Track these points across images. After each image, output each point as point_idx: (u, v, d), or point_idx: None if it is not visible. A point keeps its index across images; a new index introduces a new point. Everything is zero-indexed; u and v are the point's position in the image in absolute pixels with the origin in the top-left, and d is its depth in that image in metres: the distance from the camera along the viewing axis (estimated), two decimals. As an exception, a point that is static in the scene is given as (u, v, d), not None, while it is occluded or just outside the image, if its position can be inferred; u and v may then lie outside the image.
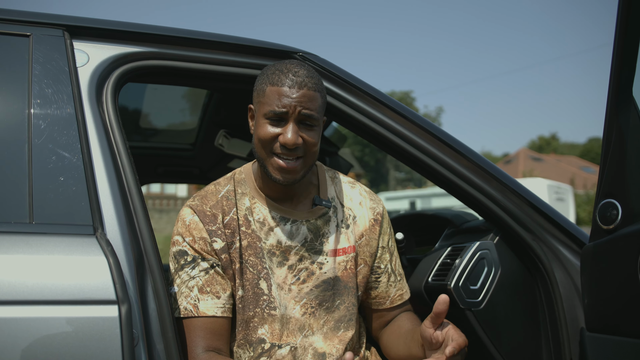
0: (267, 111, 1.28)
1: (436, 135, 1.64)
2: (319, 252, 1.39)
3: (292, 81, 1.27)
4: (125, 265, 1.15)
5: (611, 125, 1.28)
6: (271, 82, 1.29)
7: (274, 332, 1.34)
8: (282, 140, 1.27)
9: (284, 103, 1.26)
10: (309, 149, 1.30)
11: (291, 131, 1.26)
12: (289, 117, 1.27)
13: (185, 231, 1.33)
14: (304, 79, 1.29)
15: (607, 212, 1.31)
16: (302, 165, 1.31)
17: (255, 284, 1.34)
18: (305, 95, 1.27)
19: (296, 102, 1.26)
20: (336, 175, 1.51)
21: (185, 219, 1.35)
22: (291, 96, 1.26)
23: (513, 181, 1.69)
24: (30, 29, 1.33)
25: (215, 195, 1.39)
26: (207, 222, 1.34)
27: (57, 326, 1.02)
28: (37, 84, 1.26)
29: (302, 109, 1.27)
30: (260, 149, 1.31)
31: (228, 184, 1.41)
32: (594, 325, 1.37)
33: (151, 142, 2.95)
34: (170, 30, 1.49)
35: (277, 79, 1.29)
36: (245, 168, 1.46)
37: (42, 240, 1.09)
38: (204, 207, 1.36)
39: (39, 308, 1.02)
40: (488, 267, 1.68)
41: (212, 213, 1.35)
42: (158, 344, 1.15)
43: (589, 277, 1.38)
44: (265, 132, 1.29)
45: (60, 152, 1.21)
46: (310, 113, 1.28)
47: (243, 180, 1.42)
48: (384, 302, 1.49)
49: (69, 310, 1.04)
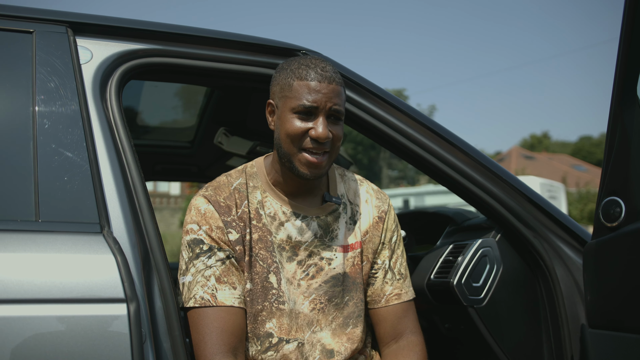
0: (295, 105, 1.28)
1: (437, 131, 1.65)
2: (329, 248, 1.39)
3: (321, 76, 1.28)
4: (132, 263, 1.14)
5: (615, 123, 1.29)
6: (298, 77, 1.29)
7: (282, 326, 1.34)
8: (314, 134, 1.27)
9: (314, 98, 1.27)
10: (335, 144, 1.31)
11: (322, 125, 1.27)
12: (319, 111, 1.28)
13: (201, 219, 1.31)
14: (332, 74, 1.30)
15: (611, 210, 1.32)
16: (328, 159, 1.31)
17: (264, 277, 1.34)
18: (334, 90, 1.29)
19: (326, 97, 1.27)
20: (345, 173, 1.51)
21: (200, 208, 1.33)
22: (321, 91, 1.27)
23: (514, 178, 1.70)
24: (33, 26, 1.32)
25: (227, 186, 1.38)
26: (222, 212, 1.33)
27: (65, 325, 1.01)
28: (41, 81, 1.25)
29: (332, 105, 1.28)
30: (288, 144, 1.30)
31: (240, 177, 1.41)
32: (596, 321, 1.38)
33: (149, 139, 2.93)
34: (174, 28, 1.48)
35: (305, 73, 1.29)
36: (257, 162, 1.45)
37: (49, 238, 1.09)
38: (217, 197, 1.35)
39: (46, 307, 1.02)
40: (490, 265, 1.69)
41: (226, 204, 1.34)
42: (165, 342, 1.15)
43: (592, 274, 1.39)
44: (295, 127, 1.28)
45: (65, 150, 1.20)
46: (339, 108, 1.29)
47: (255, 174, 1.41)
48: (379, 300, 1.44)
49: (77, 309, 1.03)
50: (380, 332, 1.45)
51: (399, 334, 1.44)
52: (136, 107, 2.74)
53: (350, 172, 1.53)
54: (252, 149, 2.49)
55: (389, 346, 1.45)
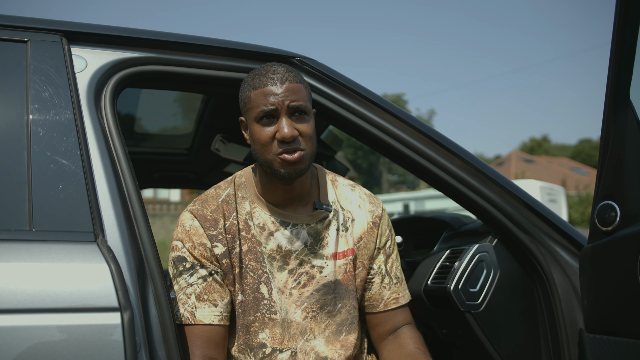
0: (256, 114, 1.29)
1: (434, 138, 1.65)
2: (320, 256, 1.39)
3: (272, 79, 1.29)
4: (126, 271, 1.14)
5: (609, 127, 1.29)
6: (253, 87, 1.30)
7: (274, 336, 1.34)
8: (279, 136, 1.27)
9: (271, 101, 1.27)
10: (306, 140, 1.30)
11: (285, 125, 1.27)
12: (280, 112, 1.28)
13: (184, 237, 1.33)
14: (284, 74, 1.30)
15: (606, 214, 1.32)
16: (305, 156, 1.30)
17: (255, 288, 1.34)
18: (289, 88, 1.29)
19: (282, 97, 1.27)
20: (336, 179, 1.51)
21: (185, 224, 1.34)
22: (276, 92, 1.28)
23: (510, 183, 1.70)
24: (27, 35, 1.32)
25: (215, 199, 1.38)
26: (207, 227, 1.33)
27: (60, 334, 1.01)
28: (35, 90, 1.25)
29: (290, 102, 1.28)
30: (262, 153, 1.30)
31: (228, 187, 1.41)
32: (593, 326, 1.38)
33: (146, 147, 2.94)
34: (168, 36, 1.49)
35: (258, 81, 1.30)
36: (246, 172, 1.45)
37: (42, 247, 1.08)
38: (204, 211, 1.35)
39: (40, 316, 1.01)
40: (487, 270, 1.69)
41: (213, 217, 1.35)
42: (160, 351, 1.15)
43: (588, 278, 1.39)
44: (262, 134, 1.29)
45: (59, 159, 1.20)
46: (298, 104, 1.29)
47: (243, 184, 1.42)
48: (378, 305, 1.46)
49: (70, 318, 1.03)
50: (380, 331, 1.48)
51: (396, 328, 1.48)
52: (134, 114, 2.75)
53: (341, 178, 1.52)
54: (250, 155, 2.50)
55: (387, 339, 1.48)
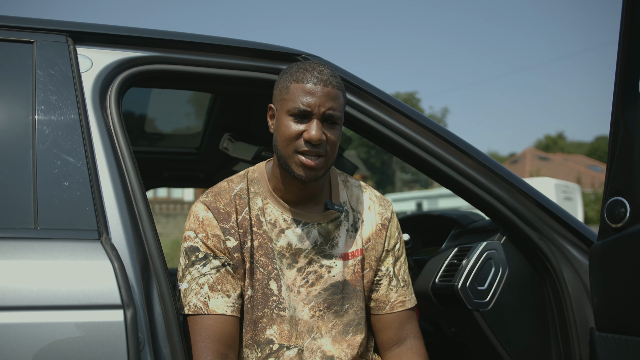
0: (290, 107, 1.28)
1: (442, 136, 1.63)
2: (329, 256, 1.38)
3: (317, 79, 1.28)
4: (130, 269, 1.15)
5: (617, 123, 1.26)
6: (295, 79, 1.29)
7: (282, 333, 1.33)
8: (307, 136, 1.26)
9: (308, 101, 1.26)
10: (331, 147, 1.30)
11: (316, 128, 1.26)
12: (313, 115, 1.27)
13: (198, 227, 1.32)
14: (329, 77, 1.29)
15: (615, 210, 1.29)
16: (324, 163, 1.30)
17: (265, 284, 1.33)
18: (330, 93, 1.28)
19: (321, 100, 1.27)
20: (348, 179, 1.50)
21: (199, 215, 1.33)
22: (316, 94, 1.27)
23: (520, 181, 1.68)
24: (33, 36, 1.34)
25: (228, 192, 1.37)
26: (220, 219, 1.33)
27: (63, 331, 1.02)
28: (41, 90, 1.27)
29: (326, 109, 1.27)
30: (284, 146, 1.29)
31: (241, 182, 1.40)
32: (603, 324, 1.36)
33: (157, 146, 2.96)
34: (173, 35, 1.49)
35: (301, 76, 1.29)
36: (259, 167, 1.44)
37: (47, 245, 1.09)
38: (217, 204, 1.35)
39: (44, 313, 1.02)
40: (495, 268, 1.67)
41: (226, 211, 1.34)
42: (164, 348, 1.15)
43: (598, 276, 1.36)
44: (290, 129, 1.28)
45: (64, 158, 1.21)
46: (333, 113, 1.28)
47: (256, 179, 1.41)
48: (384, 307, 1.44)
49: (74, 315, 1.04)
50: (384, 337, 1.45)
51: (401, 340, 1.44)
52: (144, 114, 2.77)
53: (353, 179, 1.51)
54: (257, 154, 2.50)
55: (392, 350, 1.44)
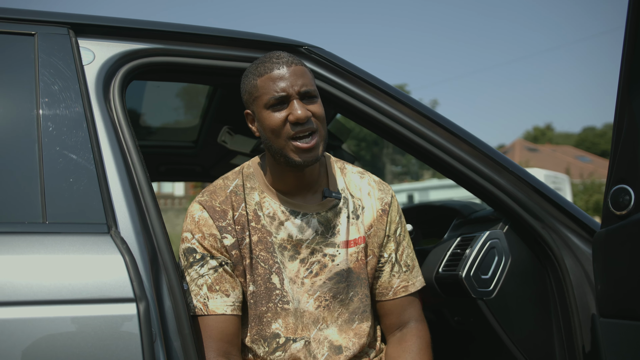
0: (266, 100, 1.28)
1: (443, 125, 1.64)
2: (331, 244, 1.38)
3: (278, 64, 1.28)
4: (140, 263, 1.14)
5: (623, 111, 1.27)
6: (259, 74, 1.30)
7: (288, 326, 1.33)
8: (293, 118, 1.26)
9: (281, 86, 1.27)
10: (319, 121, 1.30)
11: (298, 107, 1.26)
12: (290, 97, 1.27)
13: (194, 228, 1.32)
14: (288, 58, 1.30)
15: (620, 198, 1.30)
16: (318, 139, 1.30)
17: (267, 278, 1.33)
18: (296, 71, 1.29)
19: (291, 80, 1.27)
20: (345, 166, 1.50)
21: (195, 216, 1.34)
22: (284, 76, 1.27)
23: (520, 169, 1.69)
24: (34, 28, 1.32)
25: (224, 190, 1.37)
26: (216, 218, 1.33)
27: (77, 325, 1.01)
28: (44, 83, 1.25)
29: (299, 87, 1.27)
30: (275, 139, 1.29)
31: (236, 178, 1.40)
32: (607, 310, 1.37)
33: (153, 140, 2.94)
34: (176, 27, 1.48)
35: (262, 69, 1.29)
36: (254, 162, 1.44)
37: (56, 239, 1.08)
38: (213, 202, 1.35)
39: (57, 308, 1.02)
40: (498, 257, 1.68)
41: (222, 209, 1.34)
42: (175, 342, 1.15)
43: (602, 263, 1.38)
44: (273, 120, 1.28)
45: (70, 151, 1.20)
46: (307, 89, 1.29)
47: (252, 175, 1.41)
48: (387, 293, 1.44)
49: (86, 309, 1.03)
50: (387, 322, 1.47)
51: (404, 323, 1.46)
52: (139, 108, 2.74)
53: (350, 165, 1.51)
54: (256, 146, 2.49)
55: (394, 334, 1.46)
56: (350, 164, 1.52)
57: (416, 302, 1.48)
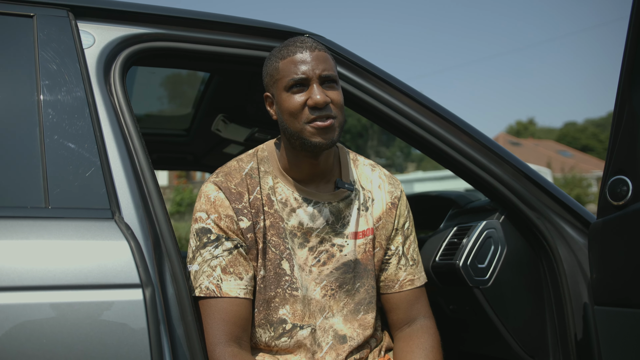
0: (286, 82, 1.27)
1: (441, 114, 1.65)
2: (340, 234, 1.38)
3: (301, 47, 1.28)
4: (144, 248, 1.13)
5: (623, 101, 1.29)
6: (282, 57, 1.29)
7: (295, 312, 1.33)
8: (311, 102, 1.25)
9: (302, 69, 1.27)
10: (337, 108, 1.29)
11: (317, 91, 1.26)
12: (311, 80, 1.27)
13: (210, 208, 1.30)
14: (312, 43, 1.30)
15: (618, 189, 1.33)
16: (337, 124, 1.29)
17: (277, 264, 1.33)
18: (319, 56, 1.28)
19: (313, 65, 1.27)
20: (357, 158, 1.50)
21: (210, 196, 1.31)
22: (306, 60, 1.27)
23: (517, 160, 1.71)
24: (33, 9, 1.29)
25: (239, 172, 1.36)
26: (233, 199, 1.31)
27: (82, 311, 1.00)
28: (44, 66, 1.23)
29: (321, 71, 1.27)
30: (293, 122, 1.28)
31: (251, 161, 1.39)
32: (602, 299, 1.40)
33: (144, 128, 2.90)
34: (178, 12, 1.46)
35: (286, 52, 1.29)
36: (268, 146, 1.43)
37: (60, 224, 1.07)
38: (229, 184, 1.33)
39: (63, 293, 1.00)
40: (495, 246, 1.71)
41: (238, 191, 1.33)
42: (178, 328, 1.14)
43: (598, 252, 1.41)
44: (293, 102, 1.27)
45: (72, 136, 1.18)
46: (328, 73, 1.28)
47: (266, 158, 1.40)
48: (393, 286, 1.44)
49: (92, 295, 1.02)
50: (394, 317, 1.46)
51: (412, 319, 1.45)
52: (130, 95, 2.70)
53: (362, 157, 1.51)
54: (250, 135, 2.48)
55: (402, 330, 1.45)
56: (361, 156, 1.53)
57: (423, 299, 1.47)
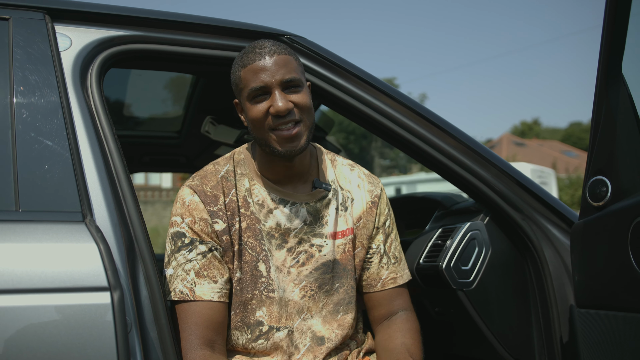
0: (248, 92, 1.27)
1: (426, 117, 1.64)
2: (319, 235, 1.38)
3: (259, 54, 1.27)
4: (115, 251, 1.13)
5: (601, 102, 1.28)
6: (242, 65, 1.28)
7: (272, 314, 1.33)
8: (273, 110, 1.25)
9: (261, 78, 1.25)
10: (303, 111, 1.28)
11: (279, 98, 1.25)
12: (272, 87, 1.26)
13: (185, 211, 1.30)
14: (271, 47, 1.28)
15: (597, 189, 1.32)
16: (303, 129, 1.28)
17: (254, 266, 1.33)
18: (277, 61, 1.26)
19: (271, 71, 1.25)
20: (335, 158, 1.50)
21: (185, 199, 1.32)
22: (265, 68, 1.25)
23: (502, 161, 1.70)
24: (9, 12, 1.29)
25: (215, 175, 1.36)
26: (208, 202, 1.31)
27: (48, 314, 1.00)
28: (18, 69, 1.22)
29: (281, 77, 1.26)
30: (257, 130, 1.29)
31: (227, 164, 1.39)
32: (584, 301, 1.39)
33: (136, 130, 2.91)
34: (155, 13, 1.46)
35: (245, 60, 1.28)
36: (244, 149, 1.43)
37: (29, 228, 1.07)
38: (204, 187, 1.33)
39: (29, 296, 1.00)
40: (479, 248, 1.69)
41: (213, 194, 1.33)
42: (151, 331, 1.14)
43: (580, 254, 1.39)
44: (256, 112, 1.27)
45: (45, 139, 1.18)
46: (290, 77, 1.26)
47: (242, 161, 1.40)
48: (375, 285, 1.44)
49: (60, 298, 1.02)
50: (375, 314, 1.46)
51: (392, 313, 1.46)
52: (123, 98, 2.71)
53: (341, 157, 1.51)
54: (240, 137, 2.48)
55: (382, 323, 1.46)
56: (339, 156, 1.52)
57: (405, 294, 1.48)
